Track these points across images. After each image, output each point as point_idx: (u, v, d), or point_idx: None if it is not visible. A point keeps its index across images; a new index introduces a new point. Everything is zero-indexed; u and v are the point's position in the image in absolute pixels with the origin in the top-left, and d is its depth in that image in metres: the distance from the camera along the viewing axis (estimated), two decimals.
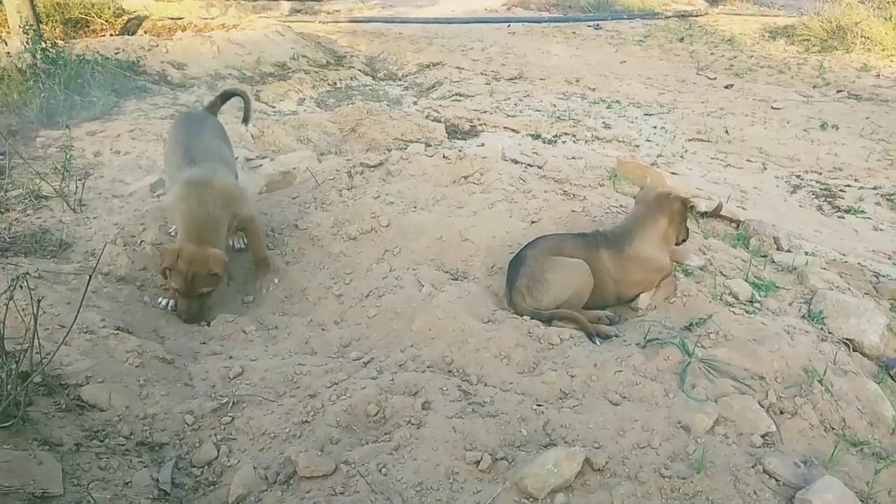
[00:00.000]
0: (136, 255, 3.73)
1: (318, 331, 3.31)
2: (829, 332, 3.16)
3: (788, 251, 3.99)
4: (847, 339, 3.13)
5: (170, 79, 7.59)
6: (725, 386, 2.66)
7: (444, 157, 4.62)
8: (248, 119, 4.72)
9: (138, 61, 7.60)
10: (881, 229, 4.98)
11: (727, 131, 7.14)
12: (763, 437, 2.48)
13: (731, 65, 10.05)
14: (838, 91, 8.78)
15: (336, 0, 13.53)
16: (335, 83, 8.49)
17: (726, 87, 8.95)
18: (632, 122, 7.36)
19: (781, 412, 2.60)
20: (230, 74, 7.94)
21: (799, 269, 3.69)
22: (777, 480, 2.27)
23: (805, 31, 11.06)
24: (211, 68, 7.89)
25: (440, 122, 6.60)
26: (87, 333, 2.87)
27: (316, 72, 8.63)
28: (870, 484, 2.33)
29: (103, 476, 2.21)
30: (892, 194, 5.63)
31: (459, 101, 7.81)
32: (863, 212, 5.25)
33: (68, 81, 6.18)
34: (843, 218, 5.17)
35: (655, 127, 7.19)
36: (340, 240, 3.89)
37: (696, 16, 13.18)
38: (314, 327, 3.35)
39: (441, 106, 7.37)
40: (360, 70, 9.08)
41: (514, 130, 6.70)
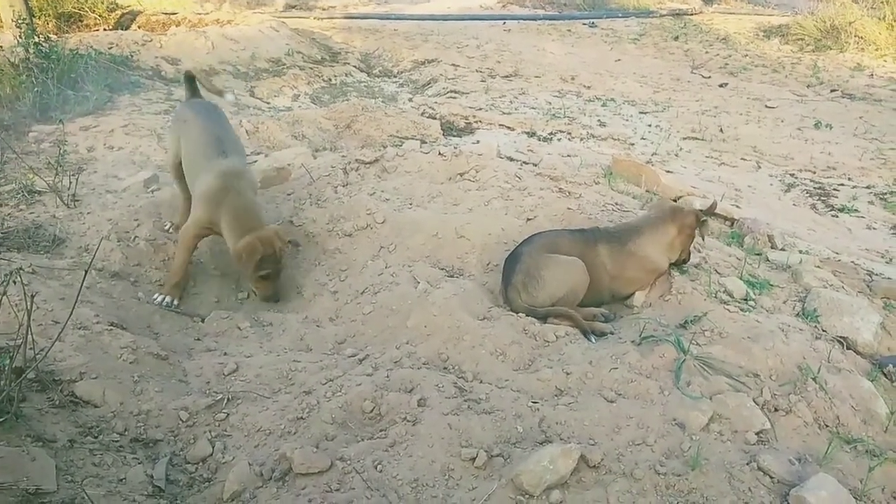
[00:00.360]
0: (129, 250, 3.72)
1: (314, 327, 3.30)
2: (823, 330, 3.18)
3: (782, 249, 4.01)
4: (841, 337, 3.15)
5: (164, 74, 7.56)
6: (720, 383, 2.67)
7: (439, 154, 4.61)
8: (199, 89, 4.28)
9: (132, 56, 7.56)
10: (874, 228, 5.00)
11: (721, 130, 7.16)
12: (758, 434, 2.49)
13: (726, 63, 10.08)
14: (832, 90, 8.82)
15: None
16: (330, 79, 8.48)
17: (721, 86, 8.98)
18: (627, 120, 7.38)
19: (776, 410, 2.60)
20: (224, 70, 7.91)
21: (793, 267, 3.70)
22: (771, 477, 2.28)
23: (799, 30, 11.12)
24: (205, 64, 7.86)
25: (435, 119, 6.59)
26: (80, 329, 2.85)
27: (311, 68, 8.61)
28: (863, 481, 2.34)
29: (97, 472, 2.20)
30: (885, 193, 5.65)
31: (455, 98, 7.80)
32: (856, 210, 5.27)
33: (61, 76, 6.15)
34: (837, 216, 5.20)
35: (650, 125, 7.20)
36: (335, 236, 3.87)
37: (691, 14, 13.22)
38: (309, 324, 3.34)
39: (436, 103, 7.36)
40: (355, 66, 9.07)
41: (509, 128, 6.70)
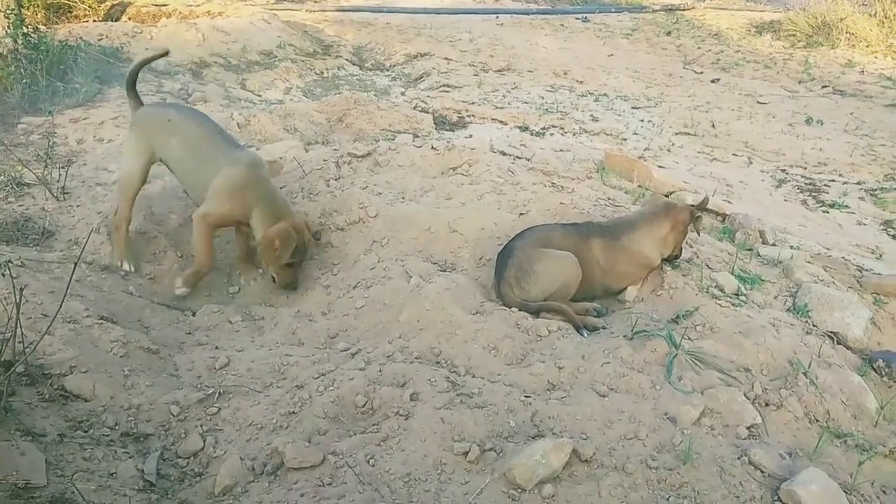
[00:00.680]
0: None
1: (306, 321, 3.29)
2: (814, 325, 3.20)
3: (774, 245, 4.02)
4: (831, 332, 3.17)
5: (154, 66, 7.48)
6: (711, 378, 2.68)
7: (432, 147, 4.60)
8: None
9: (122, 48, 7.49)
10: (865, 224, 5.03)
11: (713, 125, 7.17)
12: (749, 428, 2.50)
13: (718, 59, 10.10)
14: (823, 86, 8.86)
15: None
16: (322, 72, 8.42)
17: (713, 82, 9.00)
18: (619, 115, 7.38)
19: (767, 404, 2.62)
20: (215, 62, 7.84)
21: (784, 262, 3.72)
22: (762, 472, 2.29)
23: (791, 26, 11.15)
24: (196, 56, 7.78)
25: (428, 112, 6.56)
26: (70, 323, 2.83)
27: (303, 61, 8.55)
28: (853, 475, 2.36)
29: (87, 467, 2.18)
30: (875, 189, 5.69)
31: (447, 92, 7.78)
32: (847, 206, 5.30)
33: (51, 67, 6.07)
34: (828, 212, 5.22)
35: (643, 120, 7.20)
36: (328, 230, 3.86)
37: (684, 10, 13.24)
38: (301, 318, 3.33)
39: (429, 97, 7.33)
40: (347, 59, 9.01)
41: (502, 122, 6.68)
